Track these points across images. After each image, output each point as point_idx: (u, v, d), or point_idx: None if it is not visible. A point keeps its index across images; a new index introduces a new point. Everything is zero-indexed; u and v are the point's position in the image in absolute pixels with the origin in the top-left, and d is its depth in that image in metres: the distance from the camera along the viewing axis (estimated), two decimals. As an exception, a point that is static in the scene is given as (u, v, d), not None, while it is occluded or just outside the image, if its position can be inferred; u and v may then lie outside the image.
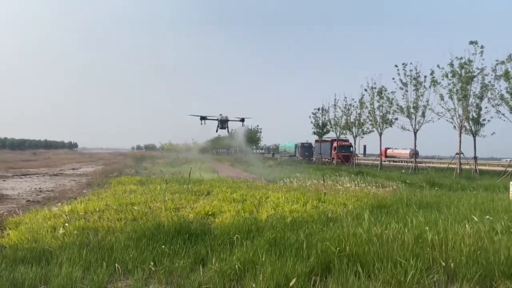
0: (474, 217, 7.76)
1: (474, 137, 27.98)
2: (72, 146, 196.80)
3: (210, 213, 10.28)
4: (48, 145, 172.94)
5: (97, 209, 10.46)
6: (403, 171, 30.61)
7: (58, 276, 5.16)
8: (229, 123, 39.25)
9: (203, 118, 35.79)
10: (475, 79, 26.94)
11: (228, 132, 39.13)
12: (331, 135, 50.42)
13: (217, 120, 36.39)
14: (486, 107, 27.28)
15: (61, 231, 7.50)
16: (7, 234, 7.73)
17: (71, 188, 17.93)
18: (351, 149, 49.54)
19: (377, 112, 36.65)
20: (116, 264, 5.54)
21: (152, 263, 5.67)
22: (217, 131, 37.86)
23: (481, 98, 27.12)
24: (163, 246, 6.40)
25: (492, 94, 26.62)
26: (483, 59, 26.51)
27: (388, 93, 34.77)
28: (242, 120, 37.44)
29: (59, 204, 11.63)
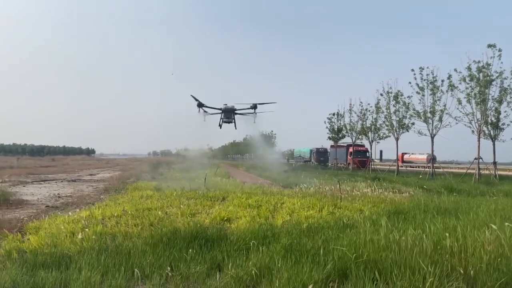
0: (494, 224, 7.61)
1: (493, 141, 27.46)
2: (89, 152, 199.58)
3: (225, 218, 10.31)
4: (67, 151, 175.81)
5: (115, 215, 10.59)
6: (420, 176, 30.21)
7: (77, 281, 5.24)
8: (238, 117, 28.48)
9: (201, 105, 25.00)
10: (493, 82, 26.49)
11: (235, 127, 26.89)
12: (347, 140, 50.19)
13: (220, 111, 25.42)
14: (505, 111, 26.77)
15: (79, 236, 7.62)
16: (27, 239, 7.88)
17: (89, 194, 18.16)
18: (367, 154, 49.11)
19: (394, 117, 36.36)
20: (135, 269, 5.61)
21: (169, 268, 5.73)
22: (220, 125, 26.74)
23: (500, 102, 26.63)
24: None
25: (511, 97, 26.17)
26: (502, 63, 26.08)
27: (405, 98, 34.48)
28: (254, 107, 25.82)
29: (77, 209, 11.80)
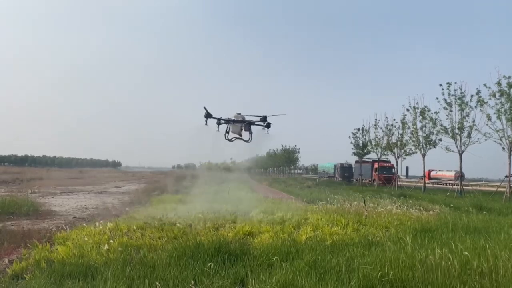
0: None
1: (525, 158, 26.56)
2: (115, 164, 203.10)
3: (249, 233, 10.29)
4: (94, 164, 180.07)
5: (139, 227, 10.72)
6: (448, 194, 29.47)
7: (103, 292, 5.32)
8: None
9: (209, 116, 17.73)
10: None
11: (250, 140, 17.14)
12: (372, 156, 49.55)
13: (227, 122, 17.77)
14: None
15: (105, 247, 7.76)
16: (56, 249, 8.06)
17: (115, 206, 18.45)
18: (393, 171, 48.25)
19: (420, 133, 35.72)
20: (157, 282, 5.64)
21: (192, 281, 5.74)
22: (231, 139, 17.61)
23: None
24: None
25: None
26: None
27: (432, 113, 33.91)
28: (264, 119, 16.93)
29: (103, 221, 12.00)
